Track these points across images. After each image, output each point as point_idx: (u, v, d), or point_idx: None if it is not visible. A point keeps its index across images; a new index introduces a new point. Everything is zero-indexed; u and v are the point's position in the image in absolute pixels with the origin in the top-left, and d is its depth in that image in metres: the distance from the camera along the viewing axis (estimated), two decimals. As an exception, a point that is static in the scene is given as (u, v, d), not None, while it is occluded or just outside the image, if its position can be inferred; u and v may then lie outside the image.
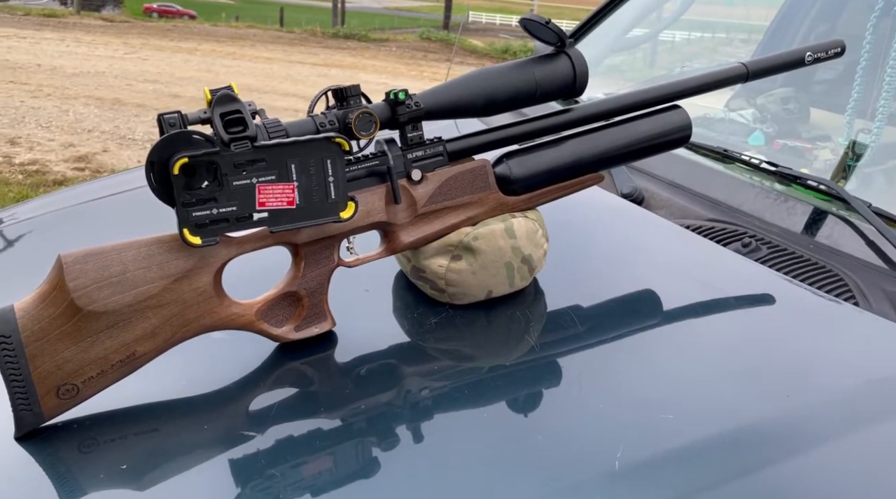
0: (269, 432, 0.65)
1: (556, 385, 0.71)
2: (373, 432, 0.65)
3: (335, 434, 0.65)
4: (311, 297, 0.74)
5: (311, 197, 0.67)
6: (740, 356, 0.73)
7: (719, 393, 0.67)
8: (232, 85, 0.67)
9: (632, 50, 1.99)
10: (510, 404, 0.68)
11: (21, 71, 7.99)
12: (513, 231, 0.79)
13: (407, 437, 0.64)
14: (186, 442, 0.65)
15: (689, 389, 0.68)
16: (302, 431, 0.65)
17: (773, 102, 1.57)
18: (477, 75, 0.78)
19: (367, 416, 0.67)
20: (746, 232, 0.95)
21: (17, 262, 1.02)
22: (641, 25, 1.95)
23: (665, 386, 0.69)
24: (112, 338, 0.64)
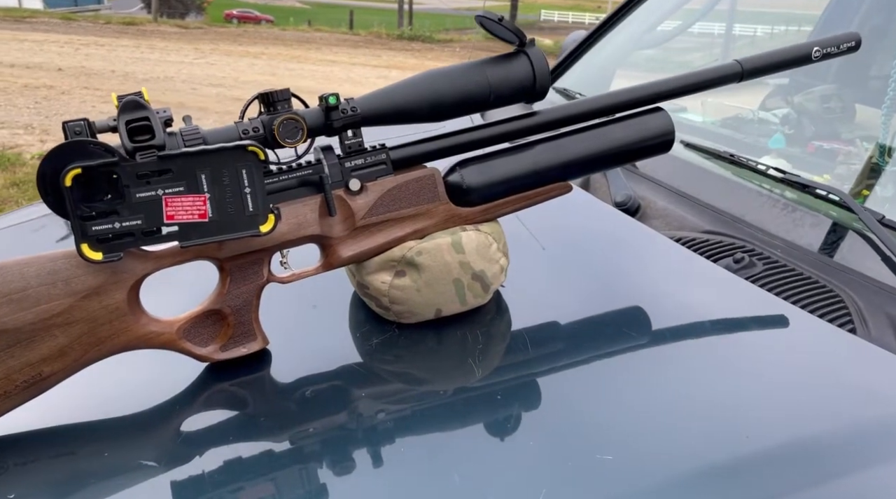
0: (207, 454, 0.62)
1: (492, 418, 0.64)
2: (325, 456, 0.60)
3: (282, 457, 0.60)
4: (237, 315, 0.69)
5: (225, 209, 0.63)
6: (703, 390, 0.65)
7: (668, 432, 0.59)
8: (143, 90, 0.63)
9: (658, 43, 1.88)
10: (459, 432, 0.62)
11: (96, 77, 8.37)
12: (461, 245, 0.73)
13: (364, 460, 0.59)
14: (109, 466, 0.61)
15: (637, 425, 0.60)
16: (246, 453, 0.61)
17: (812, 100, 1.44)
18: (423, 77, 0.72)
19: (320, 439, 0.63)
20: (742, 246, 0.85)
21: None
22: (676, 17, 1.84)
23: (614, 422, 0.61)
24: (14, 358, 0.61)
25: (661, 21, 1.61)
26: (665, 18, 1.61)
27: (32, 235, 1.14)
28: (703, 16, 1.66)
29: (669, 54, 1.98)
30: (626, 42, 1.68)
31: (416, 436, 0.63)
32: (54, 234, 1.12)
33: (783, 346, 0.70)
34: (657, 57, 1.89)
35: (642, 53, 1.80)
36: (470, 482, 0.56)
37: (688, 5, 1.64)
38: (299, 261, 0.74)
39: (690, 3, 1.65)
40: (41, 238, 1.13)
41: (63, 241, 1.10)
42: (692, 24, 1.67)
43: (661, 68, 1.95)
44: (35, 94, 7.19)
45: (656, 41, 1.68)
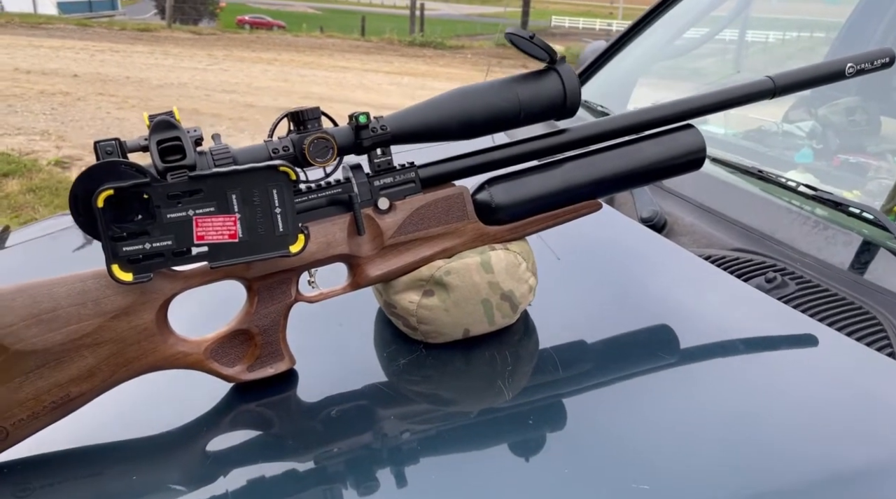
0: (230, 475, 0.61)
1: (521, 440, 0.63)
2: (349, 477, 0.60)
3: (306, 478, 0.60)
4: (265, 335, 0.69)
5: (255, 230, 0.62)
6: (739, 416, 0.63)
7: (703, 460, 0.58)
8: (174, 110, 0.63)
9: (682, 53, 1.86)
10: (486, 454, 0.61)
11: (111, 83, 8.43)
12: (490, 265, 0.72)
13: (388, 480, 0.59)
14: (135, 487, 0.61)
15: (671, 452, 0.59)
16: (270, 473, 0.60)
17: (836, 113, 1.42)
18: (452, 95, 0.71)
19: (344, 460, 0.62)
20: (774, 265, 0.84)
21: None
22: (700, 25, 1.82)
23: (647, 448, 0.60)
24: (43, 378, 0.61)
25: (686, 29, 1.60)
26: (690, 27, 1.60)
27: (50, 247, 1.14)
28: (729, 23, 1.64)
29: (680, 62, 1.97)
30: (648, 52, 1.67)
31: (443, 457, 0.62)
32: (71, 247, 1.13)
33: (819, 370, 0.69)
34: (669, 65, 1.88)
35: (660, 63, 1.79)
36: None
37: (713, 12, 1.63)
38: (326, 280, 0.73)
39: (715, 11, 1.64)
40: (58, 251, 1.13)
41: (79, 251, 1.10)
42: (719, 31, 1.65)
43: (672, 75, 1.94)
44: (51, 100, 7.25)
45: (680, 50, 1.66)
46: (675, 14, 1.65)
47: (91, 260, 1.00)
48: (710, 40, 1.74)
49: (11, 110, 6.66)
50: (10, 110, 6.66)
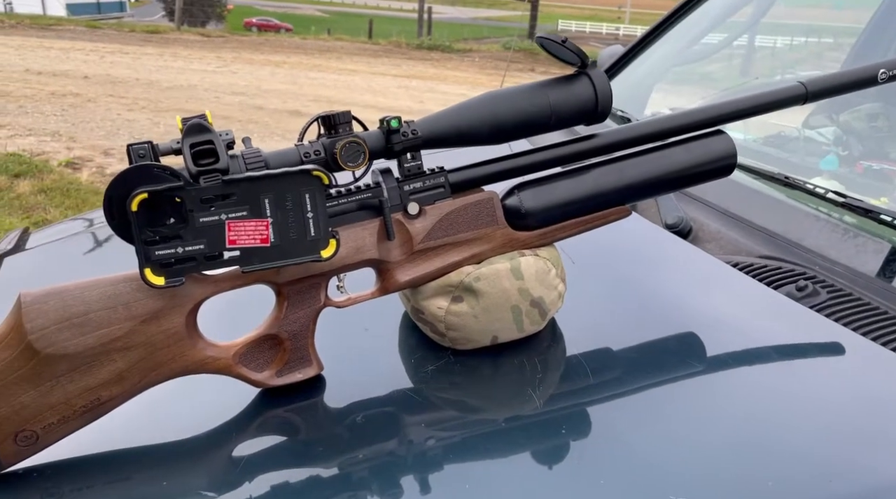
0: (256, 480, 0.61)
1: (555, 450, 0.62)
2: (374, 484, 0.59)
3: (331, 485, 0.59)
4: (294, 340, 0.68)
5: (287, 234, 0.62)
6: (777, 429, 0.62)
7: (730, 472, 0.57)
8: (206, 113, 0.62)
9: (711, 56, 1.85)
10: (515, 462, 0.61)
11: (121, 85, 8.46)
12: (520, 271, 0.71)
13: (412, 488, 0.58)
14: (162, 493, 0.60)
15: (707, 465, 0.58)
16: (294, 479, 0.60)
17: (858, 119, 1.41)
18: (483, 99, 0.71)
19: (368, 466, 0.61)
20: (804, 273, 0.83)
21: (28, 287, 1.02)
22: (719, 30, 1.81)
23: (680, 458, 0.59)
24: (74, 382, 0.60)
25: (704, 35, 1.59)
26: (708, 32, 1.59)
27: (70, 249, 1.14)
28: (748, 28, 1.64)
29: (689, 67, 1.96)
30: (665, 57, 1.66)
31: (470, 465, 0.61)
32: (90, 249, 1.12)
33: (855, 380, 0.68)
34: (679, 70, 1.87)
35: (676, 68, 1.78)
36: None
37: (731, 18, 1.62)
38: (354, 285, 0.73)
39: (732, 16, 1.63)
40: (78, 254, 1.12)
41: (99, 253, 1.10)
42: (737, 36, 1.64)
43: (685, 81, 1.93)
44: (62, 101, 7.28)
45: (697, 56, 1.65)
46: (692, 20, 1.64)
47: (111, 263, 1.00)
48: (727, 45, 1.73)
49: (23, 111, 6.70)
50: (22, 111, 6.70)
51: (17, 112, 6.65)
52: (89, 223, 1.22)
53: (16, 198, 4.10)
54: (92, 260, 1.09)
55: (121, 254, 1.05)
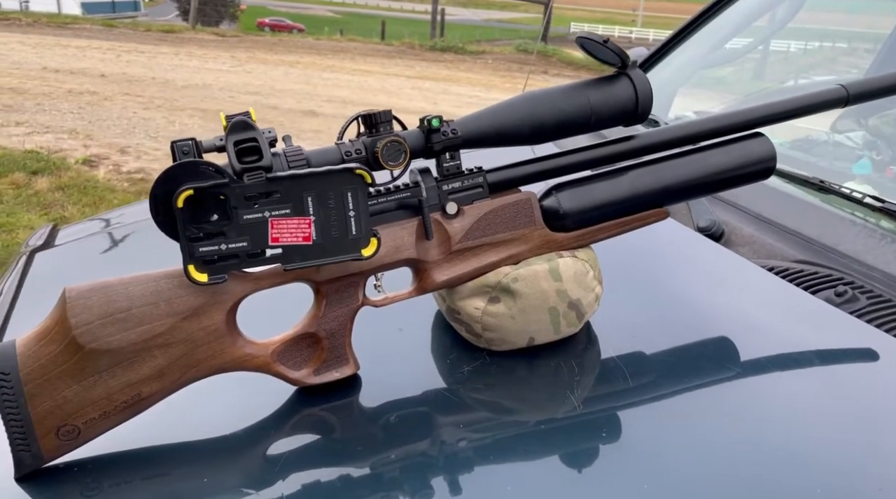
0: (290, 479, 0.61)
1: (601, 450, 0.62)
2: (406, 484, 0.59)
3: (364, 484, 0.59)
4: (332, 338, 0.68)
5: (329, 232, 0.62)
6: (821, 435, 0.62)
7: (784, 483, 0.56)
8: (250, 110, 0.62)
9: (735, 61, 1.84)
10: (551, 464, 0.60)
11: (137, 84, 8.51)
12: (558, 273, 0.71)
13: (442, 489, 0.58)
14: (197, 489, 0.61)
15: (748, 471, 0.57)
16: (329, 478, 0.60)
17: (888, 123, 1.40)
18: (522, 99, 0.70)
19: (400, 466, 0.61)
20: (842, 278, 0.82)
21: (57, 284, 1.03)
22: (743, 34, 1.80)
23: (721, 466, 0.58)
24: (116, 378, 0.60)
25: (728, 39, 1.58)
26: (733, 37, 1.58)
27: (99, 245, 1.15)
28: (774, 33, 1.62)
29: (710, 70, 1.94)
30: (688, 61, 1.65)
31: (506, 467, 0.61)
32: (119, 245, 1.13)
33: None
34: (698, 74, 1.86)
35: (699, 72, 1.77)
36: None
37: (756, 22, 1.61)
38: (390, 284, 0.72)
39: (758, 21, 1.62)
40: (106, 250, 1.13)
41: (127, 250, 1.10)
42: (763, 41, 1.63)
43: (704, 84, 1.92)
44: (79, 99, 7.33)
45: (722, 59, 1.64)
46: (716, 24, 1.63)
47: (138, 260, 1.00)
48: (752, 50, 1.72)
49: (40, 109, 6.75)
50: (39, 109, 6.75)
51: (34, 110, 6.71)
52: (116, 221, 1.22)
53: (34, 194, 4.13)
54: (120, 257, 1.10)
55: (148, 251, 1.06)
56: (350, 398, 0.70)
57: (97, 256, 1.09)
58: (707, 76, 1.85)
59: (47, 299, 0.93)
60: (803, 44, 2.40)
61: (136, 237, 1.14)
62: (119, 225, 1.19)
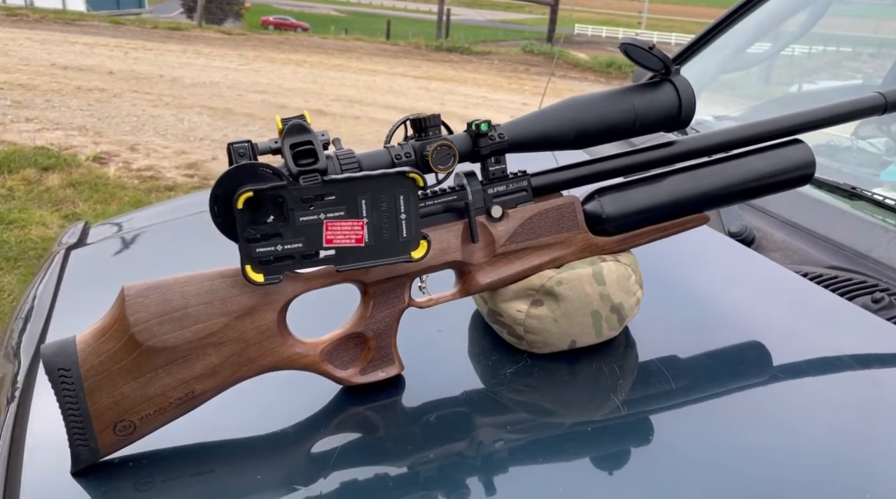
0: (330, 477, 0.62)
1: (642, 452, 0.63)
2: (442, 483, 0.60)
3: (402, 483, 0.60)
4: (379, 339, 0.69)
5: (381, 235, 0.63)
6: (868, 437, 0.62)
7: (844, 480, 0.57)
8: (305, 114, 0.63)
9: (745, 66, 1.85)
10: (591, 465, 0.61)
11: (145, 81, 8.53)
12: (602, 277, 0.72)
13: (478, 489, 0.59)
14: (243, 486, 0.62)
15: (793, 475, 0.58)
16: (367, 478, 0.61)
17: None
18: (568, 104, 0.71)
19: (437, 465, 0.62)
20: (877, 285, 0.83)
21: (95, 281, 1.04)
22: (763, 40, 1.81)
23: (773, 465, 0.59)
24: (171, 375, 0.61)
25: (750, 44, 1.59)
26: (754, 42, 1.59)
27: (131, 244, 1.16)
28: (797, 38, 1.63)
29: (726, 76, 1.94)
30: (709, 66, 1.66)
31: (549, 467, 0.61)
32: (149, 245, 1.14)
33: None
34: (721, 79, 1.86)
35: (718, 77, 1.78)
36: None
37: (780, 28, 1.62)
38: (432, 286, 0.73)
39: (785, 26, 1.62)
40: (137, 249, 1.14)
41: (149, 248, 1.11)
42: (785, 46, 1.64)
43: (723, 89, 1.92)
44: (88, 96, 7.35)
45: (743, 64, 1.65)
46: (738, 29, 1.64)
47: (170, 259, 1.01)
48: (775, 56, 1.72)
49: (50, 105, 6.77)
50: (49, 105, 6.77)
51: (44, 106, 6.73)
52: (146, 219, 1.23)
53: (45, 191, 4.15)
54: (152, 255, 1.11)
55: (180, 249, 1.07)
56: (393, 398, 0.71)
57: (131, 253, 1.10)
58: (721, 81, 1.85)
59: (87, 297, 0.94)
60: (808, 48, 2.40)
61: (167, 235, 1.15)
62: (150, 224, 1.20)
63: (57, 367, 0.59)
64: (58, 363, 0.59)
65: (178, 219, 1.19)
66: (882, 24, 2.33)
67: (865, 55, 2.40)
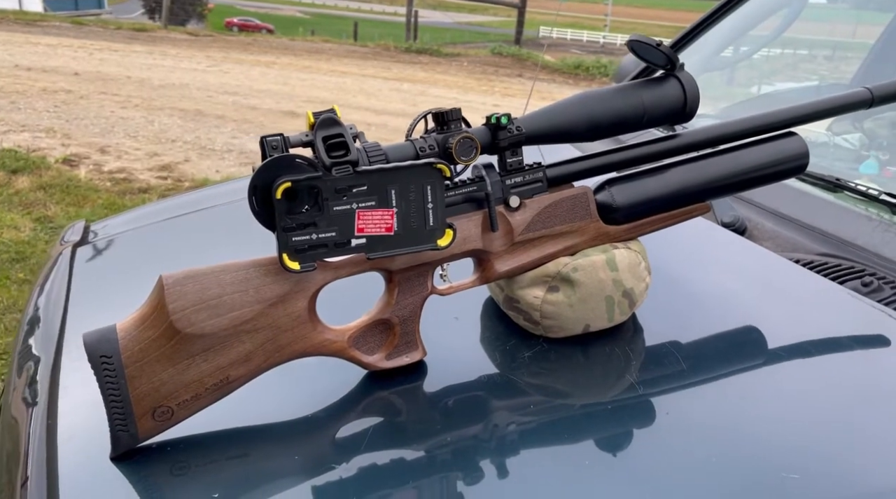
0: (354, 461, 0.64)
1: (659, 428, 0.66)
2: (457, 466, 0.62)
3: (420, 466, 0.63)
4: (404, 325, 0.71)
5: (409, 224, 0.65)
6: (864, 409, 0.67)
7: (846, 452, 0.61)
8: (334, 107, 0.65)
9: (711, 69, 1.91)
10: (605, 444, 0.65)
11: (112, 82, 8.39)
12: (615, 263, 0.75)
13: (492, 472, 0.61)
14: (275, 469, 0.63)
15: (814, 443, 0.62)
16: (388, 461, 0.63)
17: (883, 126, 1.47)
18: (580, 99, 0.74)
19: (453, 448, 0.64)
20: (864, 270, 0.88)
21: (105, 277, 1.04)
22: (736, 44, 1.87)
23: (785, 439, 0.63)
24: (207, 361, 0.63)
25: (725, 48, 1.64)
26: (728, 45, 1.64)
27: (132, 243, 1.16)
28: (770, 41, 1.69)
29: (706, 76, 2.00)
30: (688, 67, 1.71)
31: (566, 447, 0.64)
32: (150, 243, 1.14)
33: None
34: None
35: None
36: (650, 488, 0.58)
37: (753, 31, 1.68)
38: (451, 275, 0.76)
39: (756, 31, 1.69)
40: (139, 247, 1.14)
41: (152, 245, 1.11)
42: (757, 50, 1.70)
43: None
44: (54, 98, 7.20)
45: (718, 66, 1.71)
46: (715, 31, 1.69)
47: (174, 255, 1.02)
48: (748, 58, 1.79)
49: (15, 107, 6.62)
50: (14, 107, 6.62)
51: (9, 108, 6.58)
52: (147, 217, 1.24)
53: (15, 194, 4.07)
54: (158, 251, 1.11)
55: (186, 246, 1.08)
56: (416, 383, 0.74)
57: (138, 249, 1.11)
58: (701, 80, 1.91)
59: (102, 291, 0.95)
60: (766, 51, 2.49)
61: (171, 232, 1.16)
62: (152, 221, 1.21)
63: (99, 354, 0.60)
64: (100, 350, 0.60)
65: (180, 216, 1.20)
66: (839, 27, 2.43)
67: (821, 57, 2.49)
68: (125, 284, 0.94)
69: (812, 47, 2.45)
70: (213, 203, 1.24)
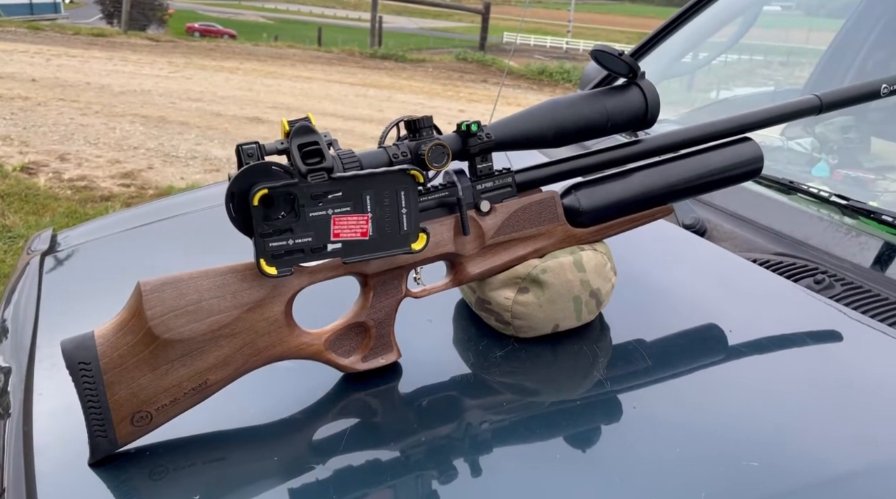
0: (331, 461, 0.65)
1: (627, 422, 0.69)
2: (432, 464, 0.64)
3: (396, 465, 0.64)
4: (379, 327, 0.73)
5: (383, 228, 0.67)
6: (819, 399, 0.71)
7: (802, 440, 0.65)
8: (309, 116, 0.67)
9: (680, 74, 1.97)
10: (576, 439, 0.67)
11: (71, 89, 8.23)
12: (582, 264, 0.78)
13: (466, 470, 0.63)
14: (254, 471, 0.65)
15: (773, 432, 0.66)
16: (365, 461, 0.64)
17: (832, 131, 1.54)
18: (547, 106, 0.77)
19: (428, 447, 0.66)
20: (817, 268, 0.92)
21: (75, 285, 1.04)
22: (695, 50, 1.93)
23: (745, 430, 0.66)
24: (186, 366, 0.64)
25: (684, 55, 1.70)
26: (688, 52, 1.70)
27: (102, 251, 1.15)
28: (728, 48, 1.75)
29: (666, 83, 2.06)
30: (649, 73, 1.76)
31: (538, 444, 0.66)
32: (119, 250, 1.14)
33: (882, 361, 0.77)
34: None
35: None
36: (620, 480, 0.60)
37: (711, 38, 1.74)
38: (426, 277, 0.78)
39: (714, 37, 1.74)
40: (110, 255, 1.14)
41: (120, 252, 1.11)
42: (716, 56, 1.76)
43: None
44: (10, 105, 7.03)
45: (679, 72, 1.76)
46: (676, 38, 1.75)
47: (152, 260, 1.02)
48: (707, 64, 1.84)
49: (-32, 115, 6.46)
50: (-33, 114, 6.46)
51: (-38, 115, 6.41)
52: (117, 224, 1.23)
53: (-29, 203, 3.97)
54: (128, 259, 1.11)
55: (156, 253, 1.08)
56: (390, 384, 0.75)
57: (108, 257, 1.11)
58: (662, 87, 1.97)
59: (73, 299, 0.95)
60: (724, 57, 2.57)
61: (141, 240, 1.16)
62: (120, 229, 1.20)
63: (77, 360, 0.60)
64: (78, 357, 0.61)
65: (150, 224, 1.20)
66: (790, 34, 2.51)
67: (776, 63, 2.58)
68: (96, 293, 0.94)
69: (768, 53, 2.53)
70: (182, 211, 1.24)
